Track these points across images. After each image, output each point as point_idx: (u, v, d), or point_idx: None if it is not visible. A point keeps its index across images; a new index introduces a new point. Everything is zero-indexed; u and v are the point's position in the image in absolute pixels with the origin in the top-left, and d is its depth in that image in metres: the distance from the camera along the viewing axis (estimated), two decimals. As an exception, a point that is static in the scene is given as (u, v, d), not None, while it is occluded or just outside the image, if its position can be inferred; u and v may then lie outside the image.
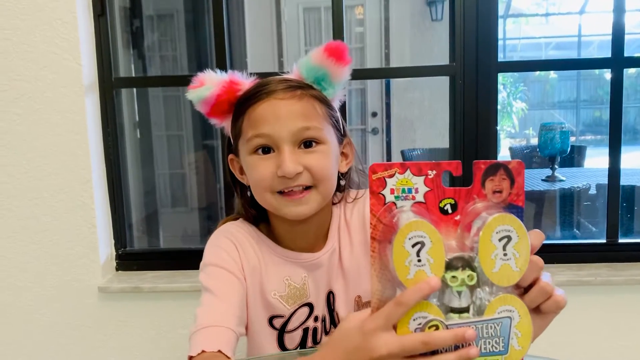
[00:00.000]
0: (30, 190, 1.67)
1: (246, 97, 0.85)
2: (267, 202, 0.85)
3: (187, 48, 3.34)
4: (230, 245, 0.89)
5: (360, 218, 0.93)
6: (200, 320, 0.79)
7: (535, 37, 8.65)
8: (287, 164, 0.80)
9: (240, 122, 0.85)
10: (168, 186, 3.21)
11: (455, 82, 1.68)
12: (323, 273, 0.91)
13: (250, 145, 0.83)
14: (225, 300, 0.82)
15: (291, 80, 0.86)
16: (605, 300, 1.65)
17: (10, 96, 1.62)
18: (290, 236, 0.91)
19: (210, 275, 0.86)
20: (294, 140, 0.82)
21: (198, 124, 3.38)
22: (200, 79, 0.87)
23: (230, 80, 0.87)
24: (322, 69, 0.85)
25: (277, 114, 0.82)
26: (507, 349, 0.55)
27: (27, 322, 1.74)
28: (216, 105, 0.87)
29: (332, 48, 0.84)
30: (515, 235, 0.54)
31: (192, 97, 0.87)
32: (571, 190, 3.25)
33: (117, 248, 1.79)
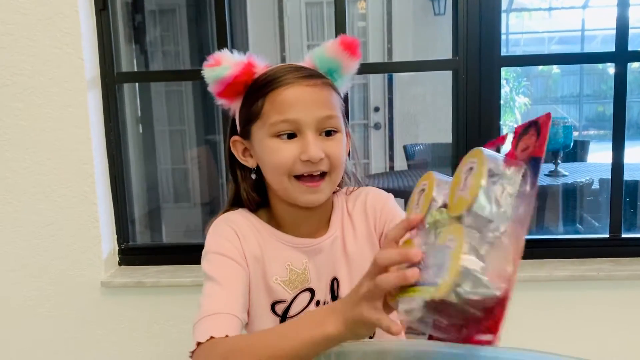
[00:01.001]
0: (32, 185, 1.67)
1: (268, 80, 0.85)
2: (282, 186, 0.86)
3: (189, 43, 3.33)
4: (231, 232, 0.89)
5: (362, 212, 0.95)
6: (205, 308, 0.79)
7: (538, 31, 8.62)
8: (312, 149, 0.82)
9: (260, 104, 0.85)
10: (170, 181, 3.21)
11: (458, 77, 1.68)
12: (324, 259, 0.92)
13: (274, 129, 0.84)
14: (228, 287, 0.82)
15: (310, 69, 0.88)
16: (608, 295, 1.65)
17: (13, 91, 1.62)
18: (292, 221, 0.92)
19: (212, 264, 0.86)
20: (317, 127, 0.84)
21: (200, 119, 3.38)
22: (217, 58, 0.86)
23: (249, 62, 0.87)
24: (336, 61, 0.88)
25: (304, 101, 0.83)
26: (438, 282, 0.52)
27: (30, 317, 1.74)
28: (231, 86, 0.86)
29: (347, 42, 0.87)
30: (476, 166, 0.55)
31: (207, 76, 0.86)
32: (574, 185, 3.24)
33: (120, 243, 1.79)
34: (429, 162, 4.07)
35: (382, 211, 0.95)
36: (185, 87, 3.29)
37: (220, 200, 2.98)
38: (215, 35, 1.71)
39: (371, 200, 0.96)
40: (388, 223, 0.93)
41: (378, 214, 0.95)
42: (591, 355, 0.84)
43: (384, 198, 0.97)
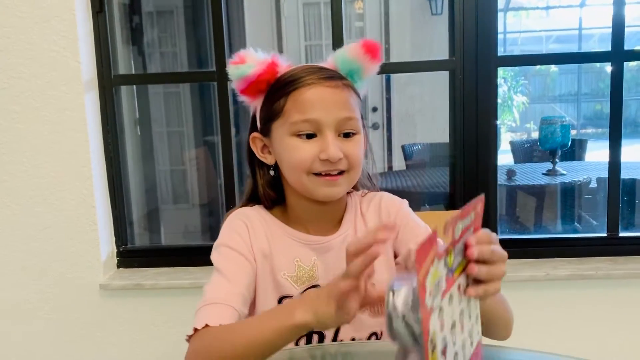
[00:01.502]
0: (30, 188, 1.67)
1: (291, 80, 0.87)
2: (301, 183, 0.89)
3: (186, 44, 3.33)
4: (243, 227, 0.92)
5: (376, 214, 0.97)
6: (208, 296, 0.83)
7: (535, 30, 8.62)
8: (332, 149, 0.84)
9: (282, 103, 0.87)
10: (169, 183, 3.21)
11: (454, 77, 1.68)
12: (333, 257, 0.93)
13: (294, 128, 0.86)
14: (232, 280, 0.85)
15: (331, 70, 0.90)
16: (606, 293, 1.65)
17: (10, 94, 1.62)
18: (306, 217, 0.94)
19: (221, 256, 0.89)
20: (336, 128, 0.86)
21: (198, 120, 3.38)
22: (242, 56, 0.88)
23: (272, 61, 0.89)
24: (357, 63, 0.90)
25: (326, 102, 0.85)
26: None
27: (29, 320, 1.74)
28: (254, 84, 0.88)
29: (369, 45, 0.89)
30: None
31: (232, 73, 0.88)
32: (572, 184, 3.25)
33: (118, 245, 1.79)
34: (427, 162, 4.08)
35: (396, 215, 0.96)
36: (183, 89, 3.29)
37: (219, 201, 2.98)
38: (212, 36, 1.71)
39: (385, 203, 0.98)
40: (402, 228, 0.95)
41: (392, 218, 0.96)
42: (590, 354, 0.84)
43: (398, 203, 0.99)
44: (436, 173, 3.55)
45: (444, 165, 3.65)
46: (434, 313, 0.52)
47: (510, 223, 3.25)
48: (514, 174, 3.22)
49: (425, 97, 4.57)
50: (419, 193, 3.13)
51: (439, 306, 0.52)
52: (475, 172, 1.71)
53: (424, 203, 2.99)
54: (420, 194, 3.11)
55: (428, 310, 0.51)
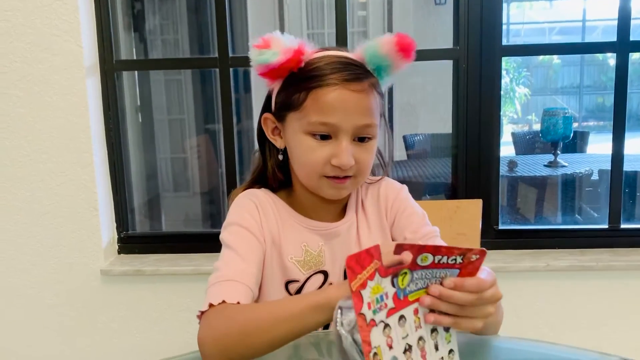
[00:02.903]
0: (32, 174, 1.66)
1: (314, 75, 0.83)
2: (310, 181, 0.88)
3: (188, 31, 3.31)
4: (253, 206, 0.91)
5: (375, 203, 0.96)
6: (223, 272, 0.81)
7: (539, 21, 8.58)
8: (345, 157, 0.83)
9: (302, 98, 0.83)
10: (170, 170, 3.21)
11: (458, 66, 1.67)
12: (340, 243, 0.93)
13: (311, 128, 0.84)
14: (245, 258, 0.84)
15: (357, 66, 0.85)
16: (607, 285, 1.66)
17: (11, 78, 1.62)
18: (311, 205, 0.93)
19: (232, 234, 0.87)
20: (353, 134, 0.84)
21: (200, 108, 3.37)
22: (267, 40, 0.83)
23: (298, 49, 0.84)
24: (388, 60, 0.85)
25: (347, 107, 0.82)
26: None
27: (30, 305, 1.75)
28: (276, 71, 0.84)
29: (404, 43, 0.84)
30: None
31: (254, 58, 0.83)
32: (573, 176, 3.24)
33: (119, 231, 1.79)
34: (428, 152, 4.07)
35: (394, 201, 0.96)
36: (185, 76, 3.27)
37: (220, 189, 2.98)
38: (214, 23, 1.70)
39: (384, 190, 0.97)
40: (399, 214, 0.95)
41: (390, 204, 0.96)
42: (589, 345, 0.85)
43: (397, 188, 0.98)
44: (437, 163, 3.54)
45: (444, 156, 3.64)
46: (376, 327, 0.52)
47: (511, 214, 3.25)
48: (515, 165, 3.22)
49: (426, 87, 4.55)
50: (420, 183, 3.13)
51: (382, 321, 0.53)
52: (478, 162, 1.70)
53: (425, 193, 2.99)
54: (421, 184, 3.11)
55: (367, 321, 0.51)
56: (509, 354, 0.88)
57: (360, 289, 0.51)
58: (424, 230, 0.92)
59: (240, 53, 1.76)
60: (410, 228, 0.93)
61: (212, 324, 0.75)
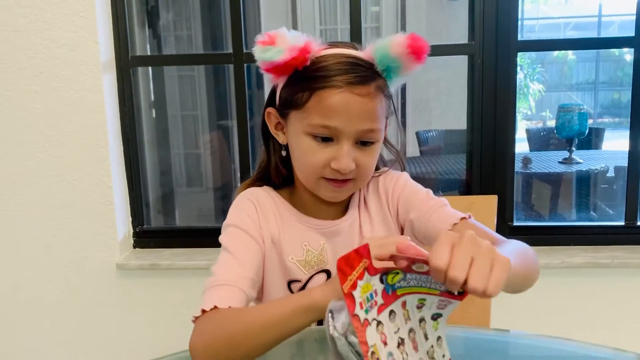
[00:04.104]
0: (48, 168, 1.68)
1: (319, 75, 0.81)
2: (309, 182, 0.87)
3: (202, 27, 3.33)
4: (253, 208, 0.90)
5: (376, 197, 0.95)
6: (217, 277, 0.80)
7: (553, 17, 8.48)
8: (345, 161, 0.81)
9: (305, 98, 0.82)
10: (183, 166, 3.23)
11: (473, 62, 1.66)
12: (342, 241, 0.92)
13: (312, 129, 0.82)
14: (242, 262, 0.82)
15: (364, 67, 0.82)
16: (623, 282, 1.64)
17: (29, 74, 1.64)
18: (313, 203, 0.92)
19: (230, 236, 0.86)
20: (355, 138, 0.82)
21: (213, 104, 3.38)
22: (272, 37, 0.80)
23: (304, 47, 0.81)
24: (399, 61, 0.82)
25: (350, 111, 0.80)
26: None
27: (46, 298, 1.77)
28: (280, 68, 0.82)
29: (417, 46, 0.81)
30: None
31: (258, 55, 0.81)
32: (588, 172, 3.21)
33: (135, 226, 1.81)
34: (442, 148, 4.05)
35: (393, 190, 0.94)
36: (198, 72, 3.29)
37: (233, 185, 2.99)
38: (228, 20, 1.71)
39: (382, 182, 0.95)
40: (401, 199, 0.93)
41: (390, 194, 0.94)
42: (604, 341, 0.84)
43: (396, 177, 0.96)
44: (450, 160, 3.53)
45: (458, 152, 3.62)
46: (370, 326, 0.52)
47: (526, 210, 3.23)
48: (529, 162, 3.20)
49: (440, 83, 4.53)
50: (433, 180, 3.12)
51: (375, 319, 0.52)
52: (493, 159, 1.69)
53: (438, 190, 2.98)
54: (434, 181, 3.10)
55: (361, 321, 0.51)
56: (525, 349, 0.88)
57: (352, 290, 0.51)
58: (428, 205, 0.88)
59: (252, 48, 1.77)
60: (414, 209, 0.90)
61: (203, 330, 0.75)
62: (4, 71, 1.63)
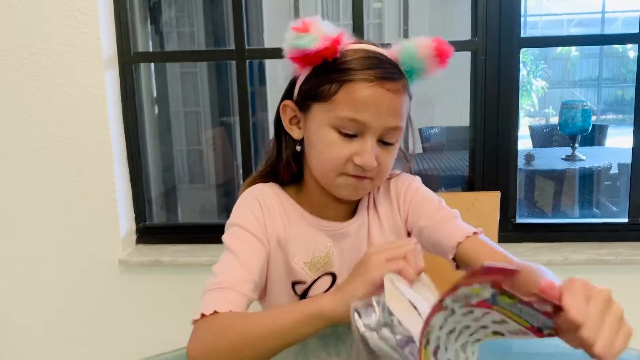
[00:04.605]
0: (51, 164, 1.68)
1: (350, 68, 0.80)
2: (327, 177, 0.85)
3: (204, 24, 3.32)
4: (258, 207, 0.88)
5: (387, 201, 0.93)
6: (219, 279, 0.79)
7: (556, 13, 8.46)
8: (368, 157, 0.80)
9: (334, 90, 0.80)
10: (185, 162, 3.23)
11: (476, 58, 1.65)
12: (350, 244, 0.90)
13: (339, 122, 0.80)
14: (245, 264, 0.81)
15: (392, 64, 0.82)
16: (626, 279, 1.64)
17: (31, 70, 1.63)
18: (322, 203, 0.90)
19: (234, 236, 0.85)
20: (380, 135, 0.81)
21: (215, 100, 3.38)
22: (307, 24, 0.78)
23: (337, 38, 0.80)
24: (423, 63, 0.83)
25: (380, 106, 0.79)
26: None
27: (49, 294, 1.77)
28: (310, 57, 0.80)
29: (442, 49, 0.82)
30: None
31: (290, 41, 0.79)
32: (592, 169, 3.21)
33: (137, 222, 1.81)
34: (444, 145, 4.05)
35: (405, 195, 0.93)
36: (200, 69, 3.29)
37: (235, 181, 2.99)
38: (230, 16, 1.70)
39: (394, 186, 0.94)
40: (412, 205, 0.92)
41: (401, 198, 0.93)
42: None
43: (408, 181, 0.95)
44: (453, 156, 3.52)
45: (461, 149, 3.62)
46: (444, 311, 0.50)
47: (529, 207, 3.23)
48: (532, 159, 3.19)
49: (443, 79, 4.51)
50: (436, 176, 3.11)
51: (451, 308, 0.50)
52: (496, 155, 1.69)
53: (441, 186, 2.98)
54: (437, 177, 3.10)
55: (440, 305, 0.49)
56: (527, 346, 0.88)
57: (448, 295, 0.48)
58: (439, 215, 0.88)
59: (255, 45, 1.77)
60: (424, 216, 0.89)
61: (202, 337, 0.74)
62: (6, 67, 1.63)
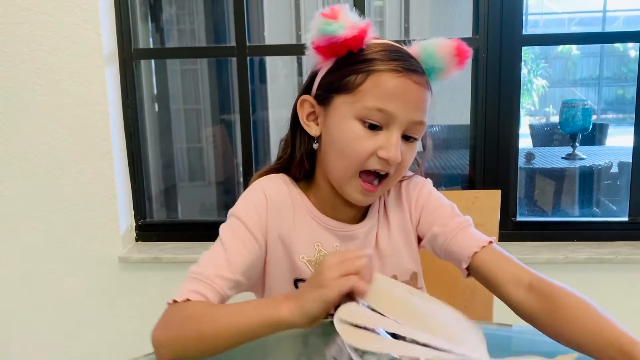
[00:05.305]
0: (51, 161, 1.68)
1: (377, 58, 0.79)
2: (343, 177, 0.83)
3: (205, 21, 3.32)
4: (263, 202, 0.86)
5: (398, 205, 0.92)
6: (201, 268, 0.80)
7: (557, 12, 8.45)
8: (395, 151, 0.78)
9: (360, 80, 0.78)
10: (186, 160, 3.23)
11: (478, 56, 1.65)
12: (357, 246, 0.89)
13: (364, 113, 0.78)
14: (231, 261, 0.80)
15: (417, 62, 0.82)
16: (626, 278, 1.64)
17: (31, 66, 1.63)
18: (332, 203, 0.88)
19: (230, 228, 0.84)
20: (405, 128, 0.79)
21: (215, 98, 3.37)
22: (336, 11, 0.77)
23: (365, 28, 0.79)
24: (443, 63, 0.82)
25: (408, 97, 0.78)
26: None
27: (49, 291, 1.77)
28: (337, 46, 0.79)
29: (462, 50, 0.82)
30: None
31: (318, 27, 0.78)
32: (592, 168, 3.21)
33: (137, 219, 1.81)
34: (445, 143, 4.04)
35: (417, 199, 0.92)
36: (201, 66, 3.28)
37: (235, 179, 2.99)
38: (231, 13, 1.70)
39: (405, 189, 0.93)
40: (424, 210, 0.91)
41: (413, 202, 0.92)
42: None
43: (420, 185, 0.93)
44: (454, 155, 3.52)
45: (461, 147, 3.61)
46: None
47: (529, 206, 3.23)
48: (532, 157, 3.19)
49: (444, 78, 4.50)
50: (436, 174, 3.11)
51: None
52: (496, 154, 1.69)
53: (441, 184, 2.98)
54: (437, 176, 3.10)
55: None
56: (527, 344, 0.88)
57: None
58: (453, 222, 0.87)
59: (256, 42, 1.76)
60: (438, 223, 0.88)
61: (170, 322, 0.76)
62: (7, 63, 1.63)
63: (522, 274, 0.81)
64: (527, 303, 0.79)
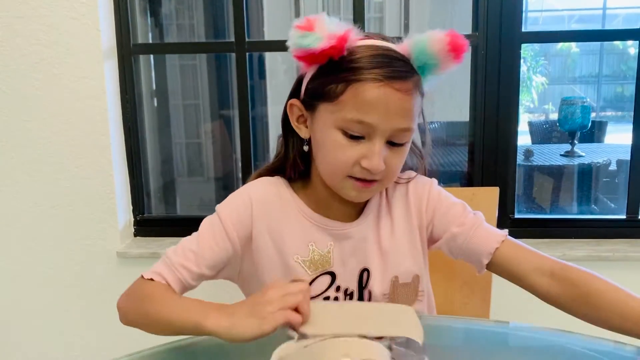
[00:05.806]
0: (50, 156, 1.68)
1: (357, 67, 0.77)
2: (334, 179, 0.83)
3: (204, 16, 3.31)
4: (247, 202, 0.87)
5: (403, 205, 0.91)
6: (173, 254, 0.85)
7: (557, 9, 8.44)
8: (376, 161, 0.78)
9: (340, 90, 0.77)
10: (184, 155, 3.22)
11: (477, 53, 1.65)
12: (352, 246, 0.89)
13: (345, 124, 0.77)
14: (200, 255, 0.84)
15: (403, 61, 0.79)
16: (624, 275, 1.64)
17: (30, 61, 1.63)
18: (327, 202, 0.89)
19: (210, 223, 0.88)
20: (388, 136, 0.78)
21: (214, 93, 3.37)
22: (312, 22, 0.75)
23: (343, 36, 0.76)
24: (436, 59, 0.79)
25: (388, 107, 0.76)
26: None
27: (47, 286, 1.77)
28: (315, 57, 0.77)
29: (457, 43, 0.78)
30: None
31: (294, 41, 0.76)
32: (590, 165, 3.21)
33: (136, 214, 1.81)
34: (443, 140, 4.04)
35: (427, 202, 0.91)
36: (200, 61, 3.27)
37: (234, 174, 2.99)
38: (230, 9, 1.70)
39: (412, 190, 0.92)
40: (437, 213, 0.91)
41: (423, 204, 0.91)
42: (604, 334, 0.84)
43: (427, 184, 0.93)
44: (452, 151, 3.52)
45: (460, 144, 3.62)
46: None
47: (527, 203, 3.23)
48: (531, 154, 3.19)
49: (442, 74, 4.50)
50: (434, 171, 3.11)
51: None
52: (495, 151, 1.69)
53: (439, 181, 2.97)
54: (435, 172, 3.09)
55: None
56: (524, 341, 0.88)
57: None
58: (469, 220, 0.88)
59: (255, 38, 1.76)
60: (455, 222, 0.89)
61: (132, 295, 0.84)
62: (5, 58, 1.63)
63: (542, 262, 0.85)
64: (553, 291, 0.84)
